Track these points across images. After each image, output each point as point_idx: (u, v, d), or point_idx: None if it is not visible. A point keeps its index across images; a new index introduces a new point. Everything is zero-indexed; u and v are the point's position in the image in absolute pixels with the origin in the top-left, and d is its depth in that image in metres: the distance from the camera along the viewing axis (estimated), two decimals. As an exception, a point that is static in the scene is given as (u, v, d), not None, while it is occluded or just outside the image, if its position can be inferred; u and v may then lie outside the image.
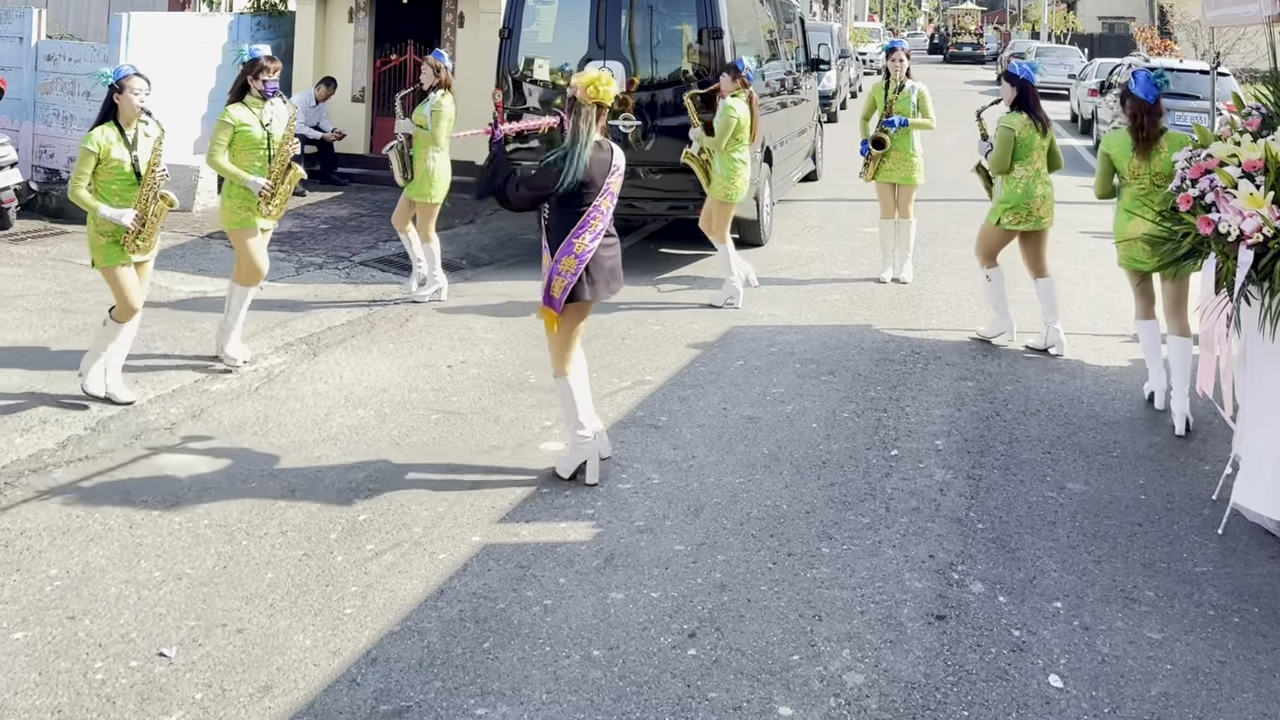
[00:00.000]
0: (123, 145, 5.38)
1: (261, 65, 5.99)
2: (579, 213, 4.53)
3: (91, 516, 4.37)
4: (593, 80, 4.50)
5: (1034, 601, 3.94)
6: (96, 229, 5.40)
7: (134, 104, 5.36)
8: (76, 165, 5.34)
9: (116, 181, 5.39)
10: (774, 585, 3.98)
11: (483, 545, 4.22)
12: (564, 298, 4.54)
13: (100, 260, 5.45)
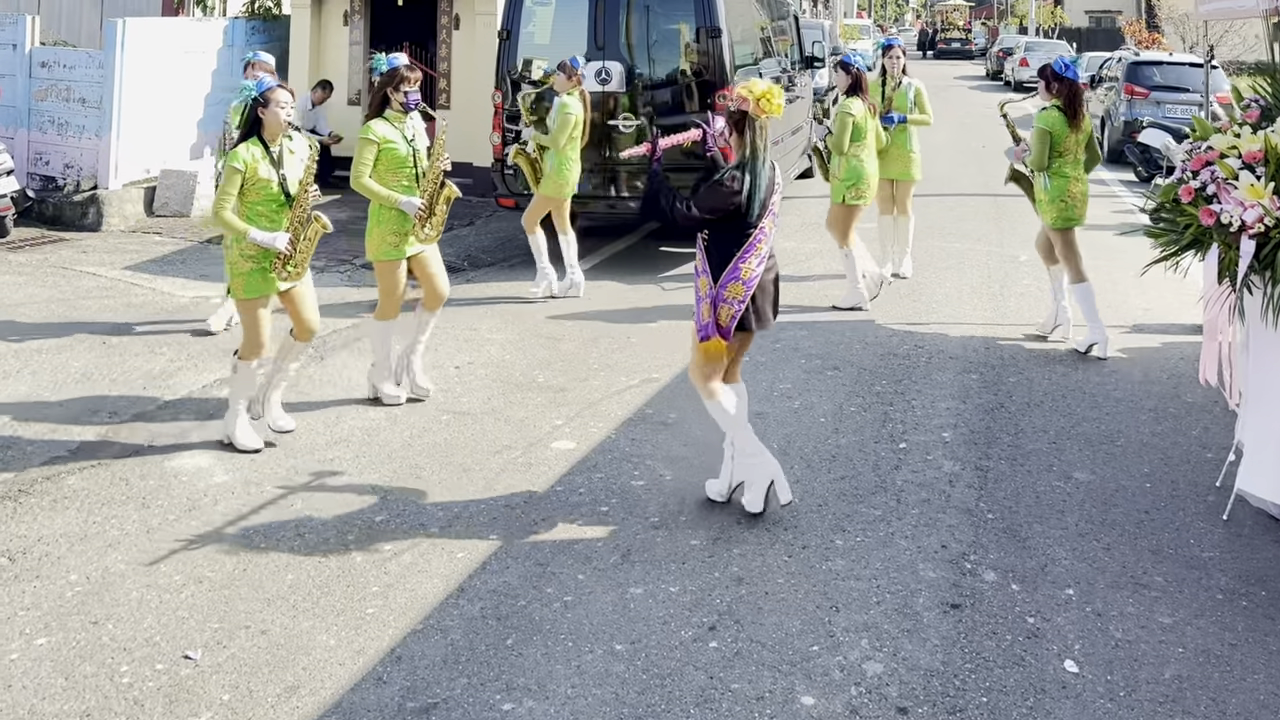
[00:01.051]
0: (269, 163, 4.92)
1: (402, 75, 5.44)
2: (745, 235, 4.25)
3: (108, 522, 4.39)
4: (766, 93, 4.22)
5: (1046, 589, 4.00)
6: (241, 254, 4.95)
7: (280, 118, 4.91)
8: (221, 186, 4.90)
9: (264, 203, 4.94)
10: (790, 578, 4.02)
11: (500, 543, 4.25)
12: (732, 326, 4.29)
13: (241, 290, 5.00)
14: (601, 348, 6.69)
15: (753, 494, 4.46)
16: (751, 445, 4.45)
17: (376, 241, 5.54)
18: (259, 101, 4.93)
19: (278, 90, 4.94)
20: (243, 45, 11.38)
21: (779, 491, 4.43)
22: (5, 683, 3.36)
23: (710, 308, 4.30)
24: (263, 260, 4.95)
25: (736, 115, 4.29)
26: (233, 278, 5.06)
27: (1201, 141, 4.55)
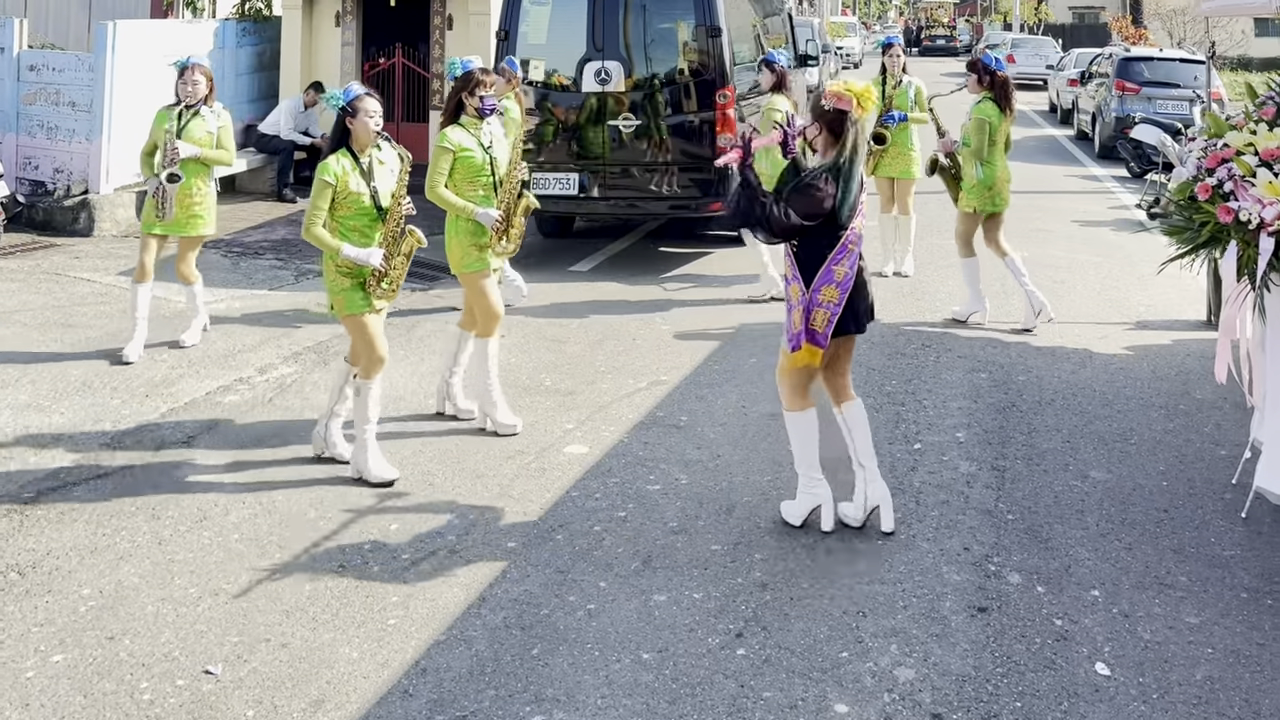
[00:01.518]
0: (360, 175, 4.70)
1: (477, 80, 5.22)
2: (837, 237, 4.14)
3: (118, 534, 4.32)
4: (864, 92, 4.16)
5: (1072, 590, 3.97)
6: (338, 270, 4.73)
7: (370, 128, 4.68)
8: (312, 200, 4.67)
9: (356, 217, 4.71)
10: (815, 582, 3.98)
11: (518, 550, 4.20)
12: (829, 331, 4.16)
13: (343, 308, 4.76)
14: (607, 350, 6.64)
15: (797, 508, 4.38)
16: (816, 468, 4.33)
17: (459, 254, 5.29)
18: (347, 111, 4.68)
19: (366, 98, 4.70)
20: (234, 47, 11.28)
21: (823, 518, 4.32)
22: (23, 701, 3.29)
23: (802, 315, 4.17)
24: (362, 276, 4.73)
25: (833, 115, 4.17)
26: (332, 295, 4.80)
27: (1217, 139, 4.53)
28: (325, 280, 4.83)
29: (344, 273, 4.73)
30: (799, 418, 4.33)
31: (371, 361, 4.79)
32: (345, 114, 4.69)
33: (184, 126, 6.40)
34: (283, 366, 6.33)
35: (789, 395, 4.35)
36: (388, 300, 4.83)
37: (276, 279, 8.37)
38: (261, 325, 7.09)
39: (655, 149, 8.24)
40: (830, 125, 4.20)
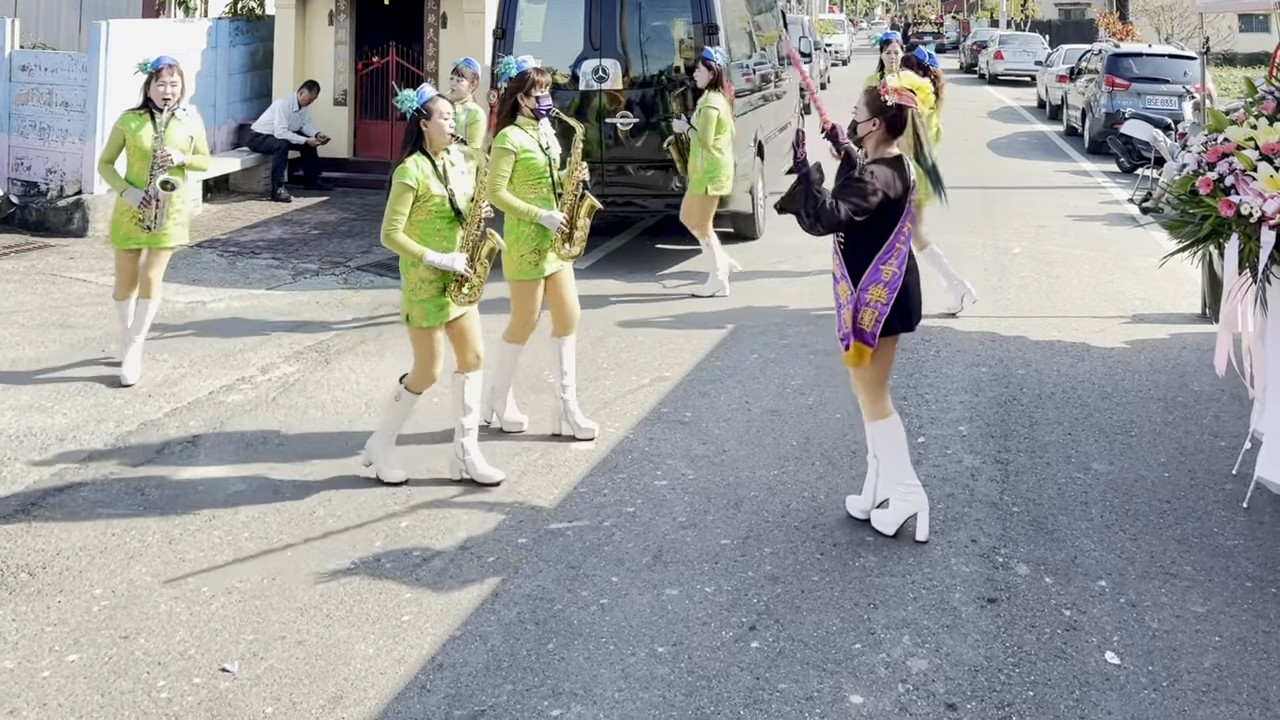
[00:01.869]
0: (437, 178, 4.56)
1: (532, 79, 5.09)
2: (884, 236, 4.10)
3: (128, 534, 4.32)
4: (924, 87, 4.14)
5: (1079, 581, 4.01)
6: (420, 278, 4.57)
7: (445, 130, 4.56)
8: (391, 205, 4.51)
9: (434, 220, 4.56)
10: (825, 575, 4.01)
11: (529, 546, 4.22)
12: (878, 330, 4.12)
13: (420, 318, 4.58)
14: (609, 347, 6.66)
15: (891, 516, 4.29)
16: (912, 476, 4.27)
17: (515, 260, 5.12)
18: (421, 113, 4.55)
19: (440, 100, 4.58)
20: (226, 46, 11.25)
21: (919, 529, 4.25)
22: (40, 701, 3.29)
23: (851, 314, 4.14)
24: (445, 283, 4.58)
25: (894, 111, 4.13)
26: (411, 305, 4.60)
27: (1217, 133, 4.58)
28: (405, 288, 4.63)
29: (427, 280, 4.57)
30: (884, 426, 4.25)
31: (427, 378, 4.67)
32: (420, 116, 4.55)
33: (165, 131, 5.94)
34: (284, 366, 6.33)
35: (870, 404, 4.27)
36: (469, 304, 4.68)
37: (274, 278, 8.36)
38: (261, 324, 7.08)
39: (653, 147, 8.25)
40: (890, 121, 4.16)
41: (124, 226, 5.96)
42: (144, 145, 5.90)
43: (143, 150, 5.91)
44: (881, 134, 4.18)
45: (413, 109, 4.56)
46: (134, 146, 5.92)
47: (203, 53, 10.92)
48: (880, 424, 4.27)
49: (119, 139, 5.97)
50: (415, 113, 4.57)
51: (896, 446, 4.25)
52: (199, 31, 10.97)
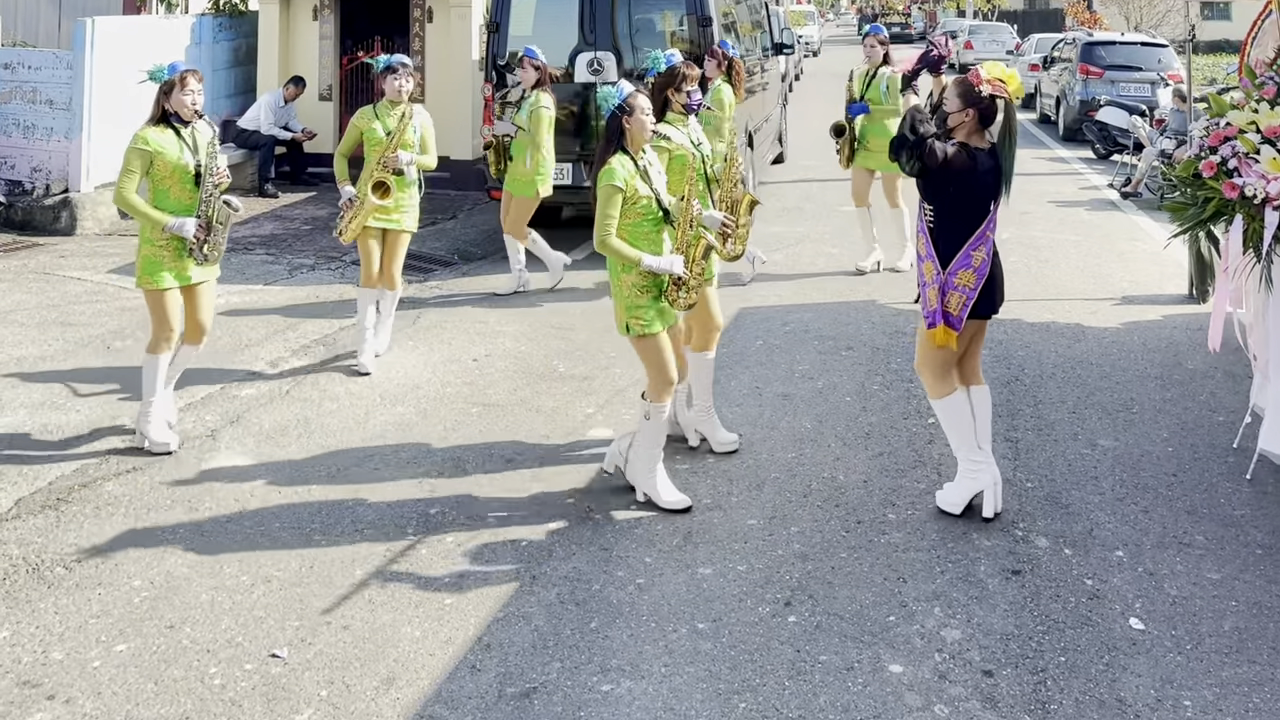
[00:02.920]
0: (642, 178, 4.34)
1: (683, 74, 4.98)
2: (977, 222, 4.14)
3: (159, 527, 4.34)
4: (1013, 76, 4.17)
5: (1098, 552, 4.14)
6: (635, 285, 4.33)
7: (646, 127, 4.34)
8: (601, 209, 4.28)
9: (643, 223, 4.35)
10: (852, 552, 4.12)
11: (561, 530, 4.29)
12: (964, 315, 4.19)
13: (642, 327, 4.34)
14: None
15: (958, 494, 4.34)
16: (977, 451, 4.30)
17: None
18: (623, 110, 4.33)
19: (640, 96, 4.39)
20: (210, 42, 11.18)
21: (986, 503, 4.29)
22: (94, 690, 3.32)
23: (938, 293, 4.20)
24: (657, 287, 4.37)
25: (988, 101, 4.16)
26: (628, 314, 4.35)
27: (1219, 118, 4.71)
28: (618, 297, 4.40)
29: (641, 285, 4.33)
30: (948, 403, 4.31)
31: (663, 384, 4.40)
32: (622, 113, 4.33)
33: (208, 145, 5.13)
34: (293, 360, 6.34)
35: (933, 383, 4.33)
36: (688, 309, 4.45)
37: (270, 274, 8.35)
38: (264, 320, 7.08)
39: (648, 138, 8.31)
40: (983, 112, 4.20)
41: (164, 261, 4.97)
42: (182, 163, 4.98)
43: (182, 169, 4.98)
44: (973, 124, 4.21)
45: (613, 107, 4.35)
46: (169, 167, 4.96)
47: (186, 49, 10.84)
48: (944, 402, 4.31)
49: (142, 163, 4.96)
50: (617, 110, 4.35)
51: (961, 422, 4.31)
52: (182, 28, 10.90)
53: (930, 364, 4.34)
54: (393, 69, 6.20)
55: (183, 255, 5.00)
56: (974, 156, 4.18)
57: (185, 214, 4.98)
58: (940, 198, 4.22)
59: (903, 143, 4.15)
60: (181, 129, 5.03)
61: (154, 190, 5.00)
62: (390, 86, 6.18)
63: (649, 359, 4.39)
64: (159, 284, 4.97)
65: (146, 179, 5.02)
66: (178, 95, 5.02)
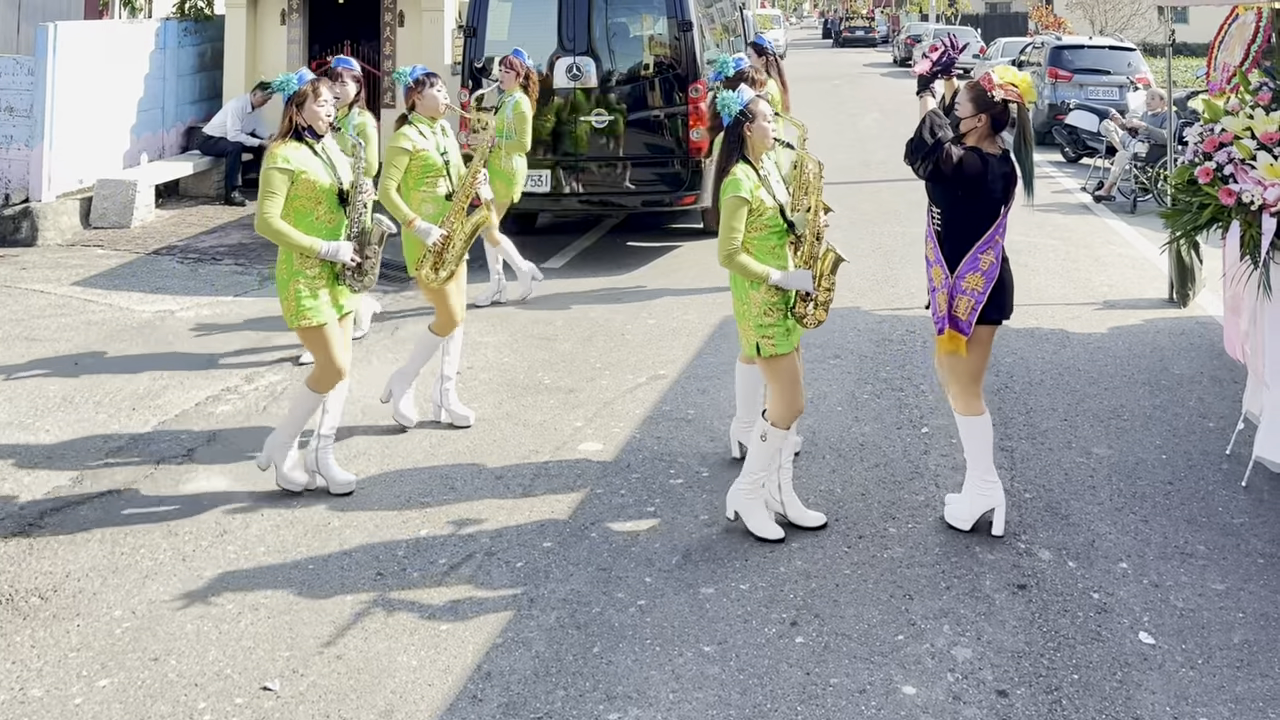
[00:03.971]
0: (767, 189, 4.15)
1: (751, 79, 4.85)
2: (985, 226, 4.07)
3: (137, 552, 4.18)
4: (1026, 80, 4.09)
5: (1101, 564, 4.10)
6: (766, 302, 4.10)
7: (768, 134, 4.15)
8: (725, 222, 4.06)
9: (768, 236, 4.14)
10: (856, 568, 4.04)
11: (556, 550, 4.17)
12: (974, 319, 4.09)
13: (775, 346, 4.11)
14: (599, 346, 6.62)
15: (969, 510, 4.26)
16: (992, 471, 4.24)
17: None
18: (745, 116, 4.12)
19: (761, 101, 4.18)
20: (175, 47, 10.95)
21: (996, 520, 4.22)
22: (77, 730, 3.17)
23: (946, 298, 4.14)
24: (785, 304, 4.16)
25: (1000, 106, 4.09)
26: (759, 333, 4.12)
27: (1213, 124, 4.70)
28: (744, 317, 4.16)
29: (771, 304, 4.11)
30: (977, 422, 4.19)
31: (792, 408, 4.16)
32: (742, 120, 4.12)
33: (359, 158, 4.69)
34: (269, 374, 6.18)
35: (962, 399, 4.21)
36: (816, 327, 4.22)
37: (240, 284, 8.16)
38: (236, 333, 6.90)
39: (628, 145, 8.23)
40: (996, 116, 4.14)
41: (319, 292, 4.48)
42: (326, 182, 4.46)
43: (326, 189, 4.46)
44: (985, 130, 4.15)
45: (734, 113, 4.13)
46: (312, 187, 4.41)
47: (150, 54, 10.61)
48: (971, 420, 4.21)
49: (285, 184, 4.36)
50: (740, 115, 4.13)
51: (983, 443, 4.23)
52: (146, 32, 10.65)
53: (958, 378, 4.24)
54: (430, 79, 5.43)
55: (334, 283, 4.50)
56: (986, 162, 4.12)
57: (333, 237, 4.48)
58: (949, 202, 4.17)
59: (919, 146, 4.10)
60: (315, 143, 4.47)
61: (295, 214, 4.40)
62: (428, 100, 5.39)
63: (780, 381, 4.16)
64: (318, 319, 4.44)
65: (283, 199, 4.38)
66: (311, 107, 4.42)
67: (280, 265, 4.47)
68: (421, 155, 5.31)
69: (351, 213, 4.55)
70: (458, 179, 5.39)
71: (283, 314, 4.50)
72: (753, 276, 4.10)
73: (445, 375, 5.39)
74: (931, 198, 4.25)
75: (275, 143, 4.45)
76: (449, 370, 5.40)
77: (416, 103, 5.41)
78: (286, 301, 4.45)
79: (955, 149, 4.08)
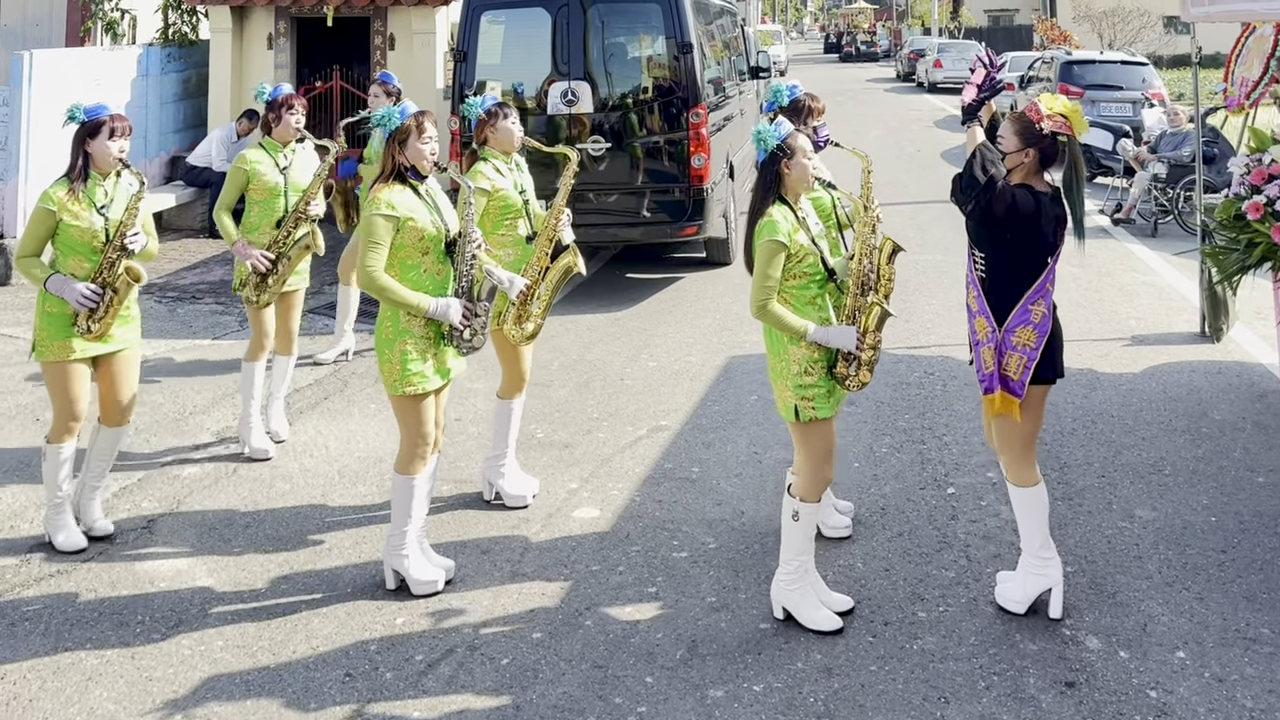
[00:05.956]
0: (805, 232, 3.77)
1: (808, 107, 4.63)
2: (1036, 272, 3.69)
3: (83, 647, 3.75)
4: (1076, 110, 3.72)
5: (1156, 654, 3.66)
6: (808, 359, 3.70)
7: (810, 171, 3.77)
8: (760, 269, 3.67)
9: (811, 285, 3.75)
10: (882, 663, 3.60)
11: (546, 643, 3.74)
12: (1026, 379, 3.70)
13: (814, 409, 3.70)
14: (596, 393, 6.20)
15: (1023, 591, 3.84)
16: (1049, 547, 3.83)
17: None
18: (782, 151, 3.72)
19: (800, 136, 3.80)
20: (158, 74, 10.59)
21: (1053, 603, 3.80)
22: None
23: (994, 354, 3.73)
24: (828, 362, 3.74)
25: (1049, 139, 3.69)
26: (798, 394, 3.71)
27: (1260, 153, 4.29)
28: (781, 375, 3.75)
29: (814, 360, 3.69)
30: (1032, 494, 3.79)
31: (822, 479, 3.80)
32: (780, 155, 3.72)
33: None
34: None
35: (1015, 468, 3.81)
36: (860, 390, 3.79)
37: (220, 325, 7.76)
38: (211, 382, 6.49)
39: (626, 173, 7.84)
40: (1045, 150, 3.73)
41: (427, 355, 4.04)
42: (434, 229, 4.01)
43: (434, 237, 4.01)
44: (1033, 165, 3.75)
45: (771, 146, 3.73)
46: (418, 234, 3.94)
47: (132, 81, 10.25)
48: (1025, 492, 3.81)
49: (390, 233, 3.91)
50: (775, 151, 3.74)
51: (1038, 516, 3.81)
52: (128, 59, 10.29)
53: (1010, 444, 3.82)
54: (502, 109, 4.79)
55: (440, 344, 3.97)
56: (1039, 201, 3.71)
57: (439, 292, 3.96)
58: (996, 245, 3.74)
59: (971, 184, 3.68)
60: (419, 185, 3.99)
61: (399, 266, 3.90)
62: (502, 133, 4.74)
63: (813, 450, 3.73)
64: (424, 386, 3.93)
65: None
66: (414, 144, 3.94)
67: (383, 324, 3.94)
68: (500, 195, 4.70)
69: (460, 264, 4.00)
70: (537, 220, 4.81)
71: (383, 379, 3.98)
72: (789, 331, 3.67)
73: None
74: (975, 240, 3.82)
75: (377, 186, 3.95)
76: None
77: (489, 136, 4.77)
78: (390, 365, 3.91)
79: (1009, 188, 3.67)
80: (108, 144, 4.34)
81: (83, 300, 4.25)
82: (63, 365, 4.32)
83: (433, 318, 3.91)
